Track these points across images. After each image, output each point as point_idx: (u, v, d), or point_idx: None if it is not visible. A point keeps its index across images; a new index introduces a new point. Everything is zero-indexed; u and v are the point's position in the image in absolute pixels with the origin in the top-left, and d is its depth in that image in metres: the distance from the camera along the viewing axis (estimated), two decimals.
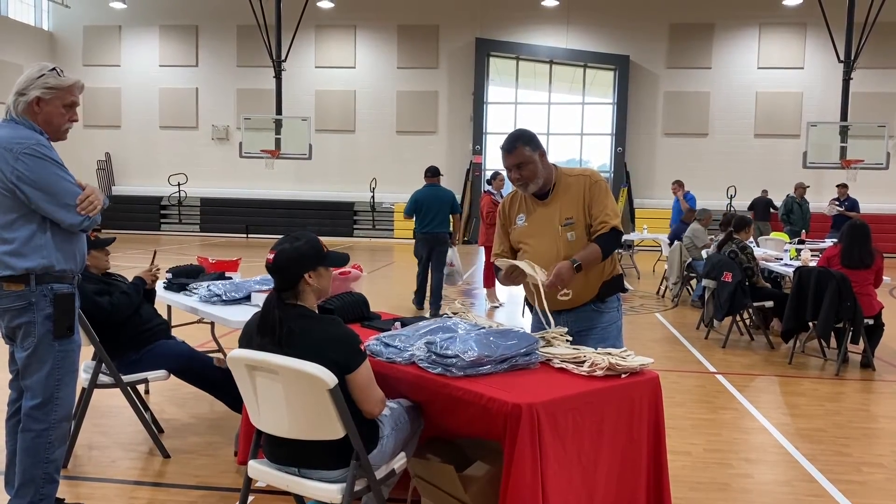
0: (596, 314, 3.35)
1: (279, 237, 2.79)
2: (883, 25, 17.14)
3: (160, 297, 4.59)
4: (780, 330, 7.17)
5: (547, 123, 22.14)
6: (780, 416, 5.11)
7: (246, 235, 21.83)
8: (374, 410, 2.66)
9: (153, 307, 4.34)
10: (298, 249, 2.67)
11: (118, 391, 4.01)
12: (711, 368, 6.46)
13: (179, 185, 21.96)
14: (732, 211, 15.89)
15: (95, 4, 22.85)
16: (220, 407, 4.68)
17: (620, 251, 10.13)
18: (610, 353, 2.85)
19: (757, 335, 7.78)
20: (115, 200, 20.46)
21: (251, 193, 22.42)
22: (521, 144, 3.22)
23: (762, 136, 21.07)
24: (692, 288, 10.23)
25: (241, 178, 22.30)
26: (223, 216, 22.32)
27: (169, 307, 5.05)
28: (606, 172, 21.53)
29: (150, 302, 4.32)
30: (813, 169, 16.32)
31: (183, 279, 4.78)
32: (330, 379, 2.48)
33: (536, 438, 2.40)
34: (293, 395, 2.54)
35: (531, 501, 2.37)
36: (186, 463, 3.99)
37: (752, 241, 9.14)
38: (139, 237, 20.57)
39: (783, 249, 9.48)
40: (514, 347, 2.79)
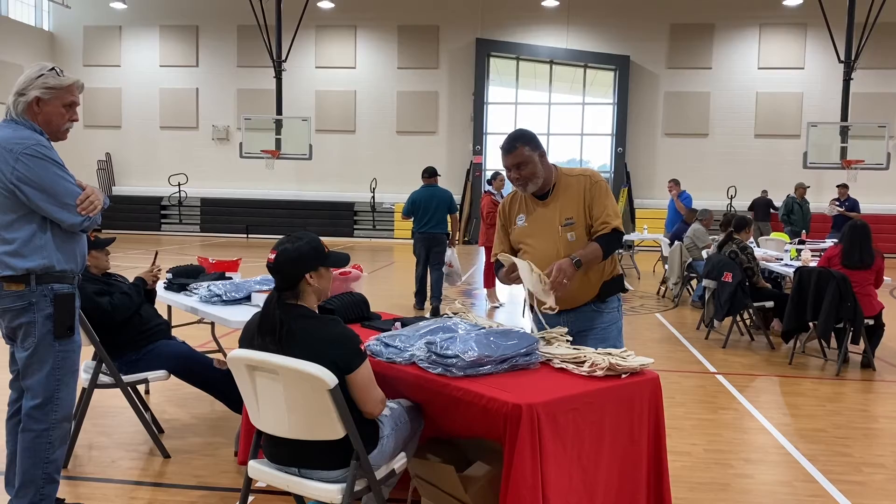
0: (596, 314, 3.35)
1: (279, 237, 2.79)
2: (883, 26, 17.16)
3: (160, 297, 4.60)
4: (780, 330, 7.17)
5: (547, 124, 22.15)
6: (780, 416, 5.10)
7: (246, 236, 21.83)
8: (374, 411, 2.66)
9: (153, 307, 4.34)
10: (299, 249, 2.67)
11: (118, 391, 4.01)
12: (712, 369, 6.46)
13: (180, 185, 21.97)
14: (732, 211, 15.88)
15: (96, 4, 22.86)
16: (220, 407, 4.68)
17: (620, 251, 10.13)
18: (610, 353, 2.85)
19: (757, 335, 7.77)
20: (115, 201, 20.45)
21: (251, 194, 22.43)
22: (520, 144, 3.22)
23: (762, 136, 21.07)
24: (692, 288, 10.23)
25: (241, 178, 22.31)
26: (223, 216, 22.32)
27: (169, 307, 5.05)
28: (607, 173, 21.53)
29: (150, 302, 4.33)
30: (813, 169, 16.31)
31: (183, 279, 4.79)
32: (330, 379, 2.48)
33: (536, 439, 2.40)
34: (293, 395, 2.54)
35: (531, 502, 2.37)
36: (186, 463, 3.99)
37: (752, 241, 9.14)
38: (139, 237, 20.58)
39: (783, 250, 9.48)
40: (514, 348, 2.79)
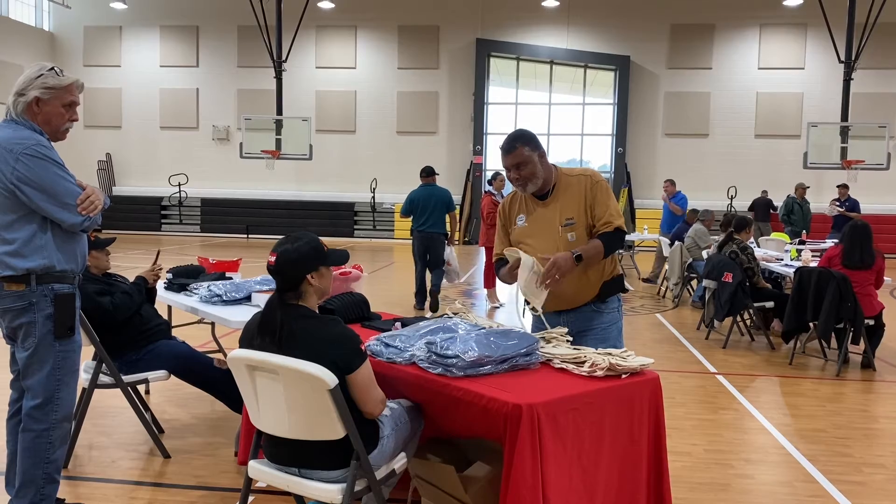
0: (596, 314, 3.35)
1: (280, 237, 2.79)
2: (883, 26, 17.15)
3: (161, 297, 4.60)
4: (780, 330, 7.16)
5: (547, 124, 22.14)
6: (780, 416, 5.10)
7: (246, 236, 21.83)
8: (374, 411, 2.66)
9: (154, 307, 4.34)
10: (299, 250, 2.67)
11: (118, 391, 4.01)
12: (712, 369, 6.45)
13: (180, 185, 21.97)
14: (733, 211, 15.88)
15: (96, 5, 22.87)
16: (220, 407, 4.68)
17: (621, 251, 10.12)
18: (610, 353, 2.85)
19: (757, 336, 7.77)
20: (115, 201, 20.44)
21: (252, 194, 22.43)
22: (520, 144, 3.22)
23: (763, 136, 21.06)
24: (692, 288, 10.23)
25: (241, 178, 22.32)
26: (224, 216, 22.32)
27: (169, 307, 5.05)
28: (607, 173, 21.53)
29: (150, 302, 4.33)
30: (813, 169, 16.31)
31: (183, 279, 4.78)
32: (330, 379, 2.48)
33: (537, 439, 2.40)
34: (294, 395, 2.54)
35: (531, 502, 2.37)
36: (187, 463, 3.99)
37: (752, 241, 9.14)
38: (140, 237, 20.58)
39: (784, 250, 9.48)
40: (514, 348, 2.78)
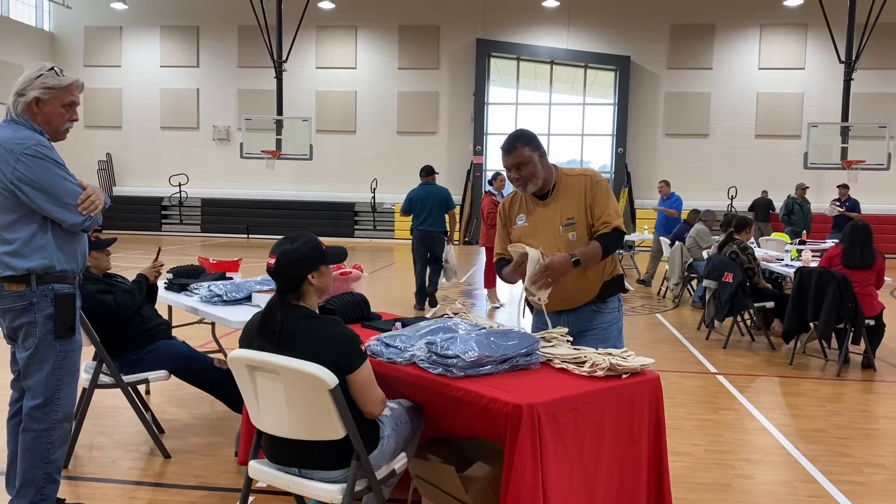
0: (596, 314, 3.35)
1: (280, 237, 2.79)
2: (884, 26, 17.14)
3: (161, 297, 4.60)
4: (780, 331, 7.16)
5: (548, 124, 22.15)
6: (780, 416, 5.10)
7: (247, 236, 21.84)
8: (374, 411, 2.65)
9: (154, 307, 4.34)
10: (298, 251, 2.67)
11: (119, 391, 4.01)
12: (712, 369, 6.45)
13: (180, 185, 21.98)
14: (733, 212, 15.88)
15: (96, 5, 22.87)
16: (220, 407, 4.68)
17: (621, 252, 10.13)
18: (610, 353, 2.85)
19: (758, 336, 7.77)
20: (115, 201, 20.44)
21: (252, 194, 22.43)
22: (520, 144, 3.22)
23: (763, 136, 21.06)
24: (693, 288, 10.23)
25: (241, 178, 22.32)
26: (224, 217, 22.33)
27: (169, 307, 5.05)
28: (607, 173, 21.53)
29: (151, 302, 4.33)
30: (814, 169, 16.31)
31: (184, 279, 4.78)
32: (331, 379, 2.48)
33: (537, 439, 2.40)
34: (294, 395, 2.54)
35: (531, 502, 2.37)
36: (187, 463, 3.99)
37: (752, 241, 9.14)
38: (140, 238, 20.58)
39: (784, 250, 9.48)
40: (514, 348, 2.78)
